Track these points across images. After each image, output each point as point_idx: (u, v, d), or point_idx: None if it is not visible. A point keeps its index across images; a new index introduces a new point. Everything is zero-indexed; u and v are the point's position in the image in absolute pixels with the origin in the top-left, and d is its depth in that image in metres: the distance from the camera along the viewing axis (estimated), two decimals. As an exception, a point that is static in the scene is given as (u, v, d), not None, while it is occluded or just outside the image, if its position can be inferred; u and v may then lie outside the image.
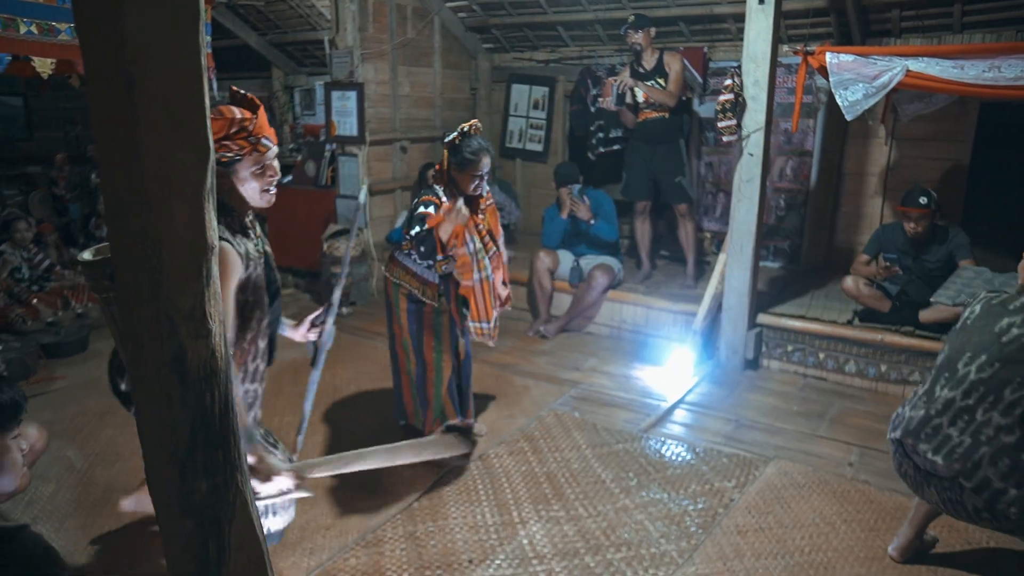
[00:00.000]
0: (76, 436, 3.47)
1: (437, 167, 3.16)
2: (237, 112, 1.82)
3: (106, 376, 2.09)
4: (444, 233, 2.93)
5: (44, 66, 3.81)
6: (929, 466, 2.24)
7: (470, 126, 3.05)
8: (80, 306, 5.05)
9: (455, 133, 3.02)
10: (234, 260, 1.81)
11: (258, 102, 1.89)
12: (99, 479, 3.10)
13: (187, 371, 1.17)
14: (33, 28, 3.73)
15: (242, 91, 1.90)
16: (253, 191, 1.90)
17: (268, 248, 2.06)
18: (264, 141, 1.86)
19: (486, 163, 3.03)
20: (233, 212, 1.89)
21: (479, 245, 3.09)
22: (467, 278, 3.10)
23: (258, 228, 2.04)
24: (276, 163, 1.92)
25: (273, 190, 1.94)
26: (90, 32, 1.03)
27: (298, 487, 1.94)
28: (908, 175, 5.00)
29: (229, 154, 1.82)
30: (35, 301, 4.85)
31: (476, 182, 3.04)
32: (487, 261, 3.13)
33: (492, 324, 3.24)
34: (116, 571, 2.50)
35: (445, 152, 3.06)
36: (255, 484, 1.82)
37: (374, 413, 3.74)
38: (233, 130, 1.81)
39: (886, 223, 4.70)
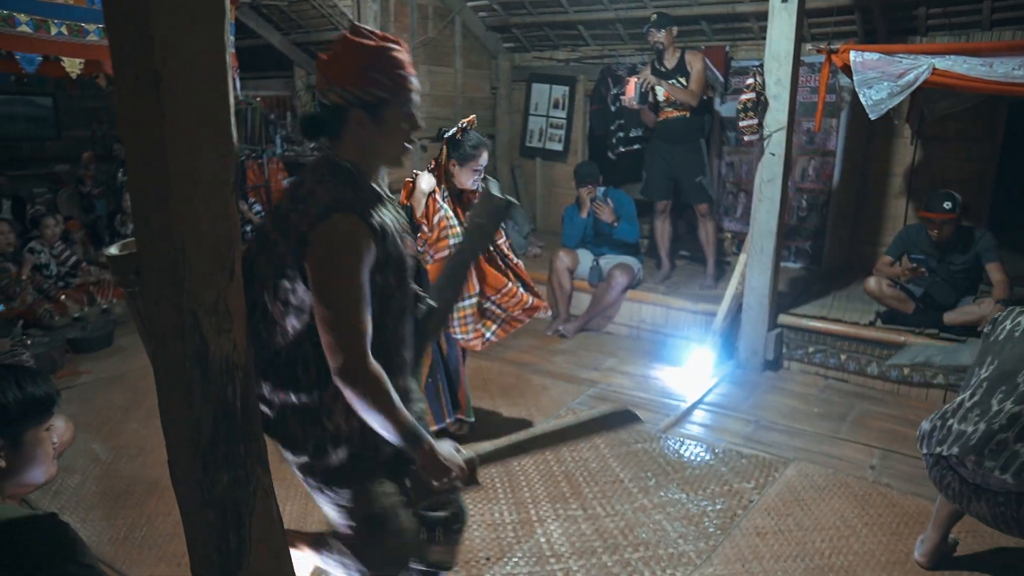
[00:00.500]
0: (101, 429, 3.54)
1: (432, 162, 3.18)
2: (383, 40, 1.43)
3: (132, 371, 2.07)
4: (418, 210, 3.03)
5: (73, 66, 3.89)
6: (995, 483, 2.13)
7: (468, 122, 3.10)
8: (105, 302, 5.14)
9: (455, 128, 3.08)
10: (359, 236, 1.42)
11: (396, 40, 1.47)
12: (123, 472, 3.16)
13: (209, 365, 1.19)
14: (64, 29, 3.81)
15: (367, 27, 1.49)
16: (396, 143, 1.51)
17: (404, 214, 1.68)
18: (413, 79, 1.48)
19: (485, 157, 3.11)
20: (355, 176, 1.48)
21: (450, 213, 3.10)
22: (443, 247, 3.07)
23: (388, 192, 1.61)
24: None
25: (413, 145, 1.56)
26: (118, 31, 1.05)
27: (471, 480, 1.63)
28: (934, 175, 4.92)
29: (378, 91, 1.42)
30: (63, 297, 4.95)
31: (475, 176, 3.11)
32: (460, 230, 3.10)
33: (476, 300, 3.07)
34: (139, 562, 2.54)
35: (444, 147, 3.11)
36: (432, 482, 1.55)
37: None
38: (384, 60, 1.42)
39: (910, 224, 4.63)
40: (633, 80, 4.82)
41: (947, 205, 3.77)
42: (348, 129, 1.46)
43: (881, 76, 3.65)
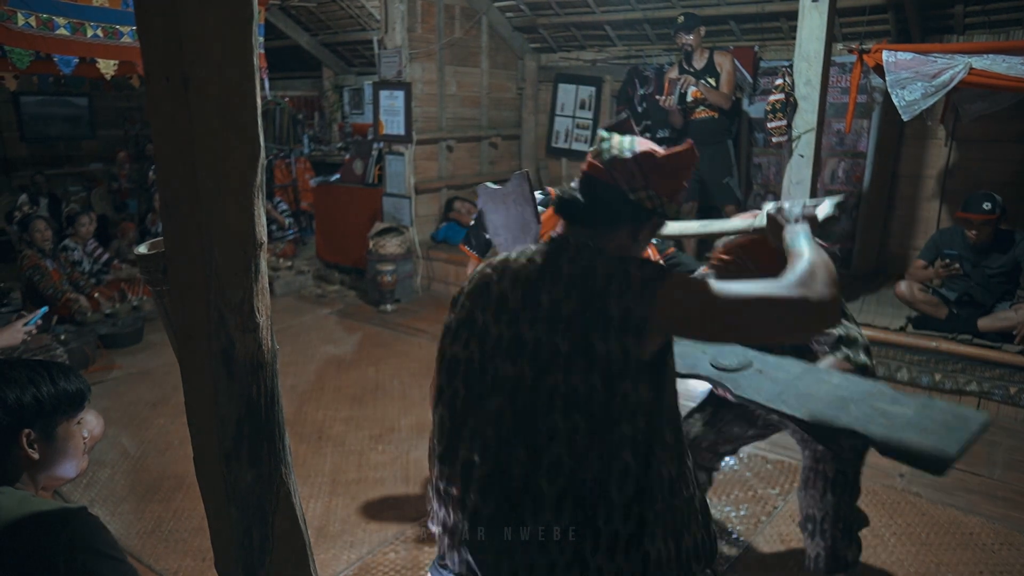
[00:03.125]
0: (130, 424, 3.60)
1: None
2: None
3: (160, 368, 2.10)
4: None
5: (108, 67, 3.97)
6: None
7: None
8: (136, 299, 5.23)
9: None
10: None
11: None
12: (151, 467, 3.21)
13: (235, 364, 1.20)
14: (99, 32, 3.89)
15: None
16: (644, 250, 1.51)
17: None
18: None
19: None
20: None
21: None
22: None
23: None
24: None
25: None
26: (149, 33, 1.06)
27: None
28: (969, 177, 4.81)
29: (675, 206, 1.43)
30: (96, 294, 5.05)
31: None
32: None
33: None
34: (166, 556, 2.58)
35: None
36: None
37: (417, 410, 3.78)
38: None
39: (944, 227, 4.53)
40: (674, 79, 4.77)
41: (987, 206, 3.68)
42: (626, 228, 1.38)
43: (915, 76, 3.57)
